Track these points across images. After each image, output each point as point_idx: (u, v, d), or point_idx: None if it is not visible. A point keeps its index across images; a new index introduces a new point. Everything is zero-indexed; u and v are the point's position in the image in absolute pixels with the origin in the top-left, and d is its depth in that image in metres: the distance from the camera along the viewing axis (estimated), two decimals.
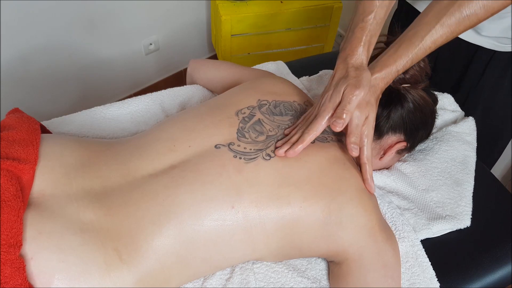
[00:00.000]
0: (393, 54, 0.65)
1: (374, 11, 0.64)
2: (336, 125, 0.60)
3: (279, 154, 0.61)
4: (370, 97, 0.64)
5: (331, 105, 0.62)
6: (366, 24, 0.64)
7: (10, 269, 0.46)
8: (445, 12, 0.63)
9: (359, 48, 0.64)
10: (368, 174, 0.65)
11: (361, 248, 0.61)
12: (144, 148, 0.64)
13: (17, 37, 1.32)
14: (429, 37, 0.64)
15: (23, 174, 0.55)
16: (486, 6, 0.62)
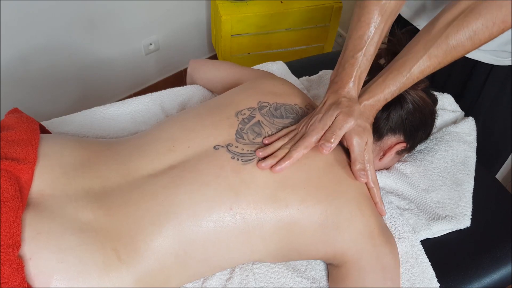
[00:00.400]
0: (382, 83, 0.67)
1: (364, 48, 0.65)
2: (323, 148, 0.60)
3: (261, 167, 0.60)
4: (365, 124, 0.66)
5: (321, 126, 0.62)
6: (356, 60, 0.66)
7: (9, 269, 0.46)
8: (433, 43, 0.65)
9: (350, 83, 0.65)
10: (378, 197, 0.66)
11: (359, 252, 0.61)
12: (143, 148, 0.64)
13: (17, 37, 1.32)
14: (416, 67, 0.66)
15: (22, 174, 0.55)
16: (473, 38, 0.63)
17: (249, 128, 0.66)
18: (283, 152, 0.61)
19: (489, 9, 0.61)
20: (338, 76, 0.66)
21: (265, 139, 0.64)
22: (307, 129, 0.63)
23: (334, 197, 0.61)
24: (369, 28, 0.64)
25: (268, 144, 0.64)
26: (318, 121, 0.63)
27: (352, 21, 0.67)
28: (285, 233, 0.60)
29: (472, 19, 0.62)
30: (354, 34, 0.65)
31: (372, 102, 0.67)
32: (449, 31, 0.63)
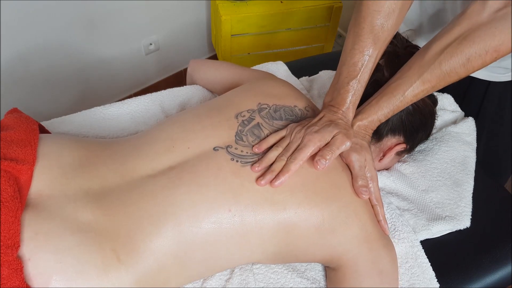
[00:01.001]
0: (375, 104, 0.68)
1: (359, 75, 0.66)
2: (318, 164, 0.60)
3: (261, 184, 0.59)
4: (361, 141, 0.67)
5: (318, 138, 0.61)
6: (351, 87, 0.66)
7: (8, 270, 0.46)
8: (427, 68, 0.65)
9: (344, 106, 0.66)
10: (381, 215, 0.65)
11: (356, 256, 0.61)
12: (142, 148, 0.64)
13: (17, 37, 1.32)
14: (410, 91, 0.66)
15: (21, 175, 0.54)
16: (466, 65, 0.63)
17: (249, 130, 0.66)
18: (280, 165, 0.60)
19: (483, 37, 0.61)
20: (334, 100, 0.67)
21: (254, 147, 0.63)
22: (303, 139, 0.62)
23: (331, 201, 0.61)
24: (363, 56, 0.65)
25: (258, 152, 0.63)
26: (315, 133, 0.62)
27: (346, 47, 0.67)
28: (283, 236, 0.60)
29: (466, 46, 0.62)
30: (348, 60, 0.66)
31: (366, 122, 0.69)
32: (442, 57, 0.64)
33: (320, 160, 0.60)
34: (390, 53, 0.74)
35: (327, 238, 0.60)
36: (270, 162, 0.61)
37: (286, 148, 0.62)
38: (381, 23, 0.64)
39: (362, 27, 0.64)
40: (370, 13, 0.64)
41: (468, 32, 0.63)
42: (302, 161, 0.60)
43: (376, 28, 0.64)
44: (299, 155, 0.60)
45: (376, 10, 0.63)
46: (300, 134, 0.63)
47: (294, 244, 0.61)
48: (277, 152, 0.62)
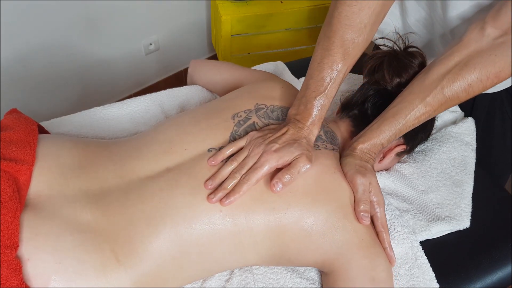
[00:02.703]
0: (376, 129, 0.68)
1: (326, 90, 0.63)
2: (275, 186, 0.58)
3: (211, 202, 0.57)
4: (366, 164, 0.66)
5: (276, 159, 0.59)
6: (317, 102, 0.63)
7: (7, 270, 0.46)
8: (429, 93, 0.65)
9: (309, 121, 0.63)
10: (387, 242, 0.63)
11: (348, 262, 0.60)
12: (141, 150, 0.64)
13: (17, 37, 1.32)
14: (412, 115, 0.66)
15: (20, 175, 0.55)
16: (468, 90, 0.64)
17: (243, 130, 0.66)
18: (232, 183, 0.58)
19: (484, 64, 0.62)
20: (299, 114, 0.64)
21: (209, 160, 0.61)
22: (260, 158, 0.59)
23: (321, 204, 0.60)
24: (331, 70, 0.62)
25: (214, 165, 0.61)
26: (274, 152, 0.59)
27: (314, 60, 0.64)
28: (275, 238, 0.60)
29: (467, 72, 0.63)
30: (316, 74, 0.63)
31: (368, 146, 0.68)
32: (445, 82, 0.64)
33: (278, 183, 0.58)
34: (390, 55, 0.74)
35: (319, 242, 0.60)
36: (223, 178, 0.59)
37: (242, 164, 0.60)
38: (352, 38, 0.61)
39: (332, 41, 0.61)
40: (341, 27, 0.61)
41: (468, 58, 0.63)
42: (257, 182, 0.58)
43: (347, 43, 0.61)
44: (253, 176, 0.58)
45: (348, 24, 0.61)
46: (259, 150, 0.60)
47: (286, 247, 0.61)
48: (231, 167, 0.60)
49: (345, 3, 0.60)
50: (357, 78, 1.03)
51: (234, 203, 0.58)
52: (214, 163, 0.61)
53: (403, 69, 0.73)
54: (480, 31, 0.63)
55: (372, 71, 0.77)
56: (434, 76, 0.66)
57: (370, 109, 0.75)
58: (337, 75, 0.62)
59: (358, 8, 0.60)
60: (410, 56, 0.73)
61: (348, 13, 0.60)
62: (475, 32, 0.64)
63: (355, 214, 0.62)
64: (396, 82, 0.73)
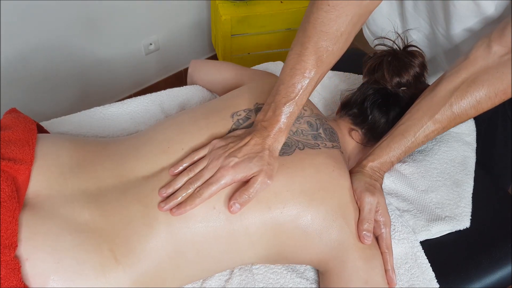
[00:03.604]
0: (386, 147, 0.67)
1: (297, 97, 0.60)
2: (232, 208, 0.56)
3: (162, 209, 0.56)
4: (375, 183, 0.65)
5: (232, 175, 0.57)
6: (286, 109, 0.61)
7: (5, 270, 0.46)
8: (437, 110, 0.65)
9: (276, 128, 0.60)
10: (389, 264, 0.62)
11: (342, 262, 0.60)
12: (139, 149, 0.64)
13: (17, 37, 1.32)
14: (421, 132, 0.66)
15: (18, 175, 0.55)
16: (476, 107, 0.64)
17: None
18: (184, 194, 0.57)
19: (492, 81, 0.62)
20: (267, 120, 0.61)
21: (171, 169, 0.60)
22: (217, 173, 0.58)
23: (319, 203, 0.60)
24: (303, 77, 0.59)
25: (175, 174, 0.59)
26: (231, 168, 0.57)
27: (286, 65, 0.61)
28: (271, 237, 0.60)
29: (475, 89, 0.63)
30: (288, 80, 0.60)
31: (378, 164, 0.68)
32: (453, 99, 0.64)
33: (235, 204, 0.56)
34: (390, 54, 0.74)
35: (315, 241, 0.60)
36: (177, 188, 0.58)
37: (198, 175, 0.58)
38: (327, 45, 0.58)
39: (306, 47, 0.59)
40: (317, 33, 0.58)
41: (475, 75, 0.64)
42: (210, 197, 0.57)
43: (321, 50, 0.59)
44: (207, 191, 0.56)
45: (324, 31, 0.58)
46: (217, 163, 0.58)
47: (283, 245, 0.61)
48: (187, 177, 0.59)
49: (322, 8, 0.58)
50: (357, 78, 1.03)
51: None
52: (176, 172, 0.59)
53: (403, 68, 0.73)
54: (486, 49, 0.63)
55: (371, 70, 0.77)
56: (442, 93, 0.66)
57: (370, 108, 0.75)
58: (309, 82, 0.60)
59: (335, 15, 0.57)
60: (410, 55, 0.73)
61: (325, 19, 0.58)
62: (482, 50, 0.64)
63: (354, 215, 0.62)
64: (396, 81, 0.73)
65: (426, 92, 0.69)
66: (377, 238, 0.64)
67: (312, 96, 0.97)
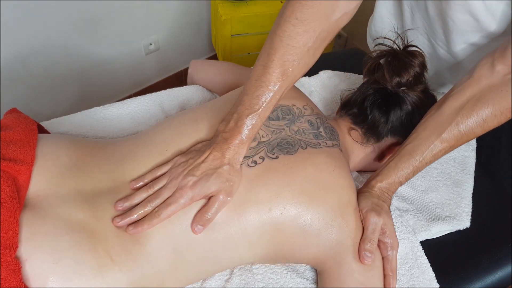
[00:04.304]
0: (394, 167, 0.67)
1: (260, 110, 0.58)
2: (195, 229, 0.56)
3: (117, 224, 0.55)
4: (383, 204, 0.65)
5: (191, 196, 0.56)
6: (248, 121, 0.59)
7: (6, 271, 0.46)
8: (444, 129, 0.65)
9: (237, 140, 0.59)
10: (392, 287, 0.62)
11: (338, 263, 0.60)
12: (138, 151, 0.63)
13: (17, 37, 1.32)
14: (429, 151, 0.66)
15: (19, 175, 0.54)
16: (483, 126, 0.64)
17: None
18: (141, 212, 0.56)
19: (497, 100, 0.62)
20: (228, 132, 0.59)
21: (132, 183, 0.59)
22: (175, 193, 0.57)
23: (319, 203, 0.60)
24: (267, 90, 0.58)
25: (135, 189, 0.58)
26: (190, 188, 0.56)
27: (252, 76, 0.59)
28: (270, 237, 0.60)
29: (481, 108, 0.63)
30: (252, 91, 0.58)
31: (386, 184, 0.67)
32: (459, 118, 0.64)
33: (198, 226, 0.56)
34: (390, 54, 0.74)
35: (313, 241, 0.60)
36: (134, 204, 0.57)
37: (157, 194, 0.57)
38: (293, 59, 0.56)
39: (272, 59, 0.57)
40: (283, 46, 0.56)
41: (480, 94, 0.64)
42: (168, 217, 0.56)
43: (287, 63, 0.57)
44: (165, 212, 0.55)
45: (290, 44, 0.56)
46: (176, 182, 0.57)
47: (281, 245, 0.61)
48: (146, 194, 0.57)
49: (290, 21, 0.55)
50: (357, 78, 1.03)
51: (228, 204, 0.58)
52: (137, 186, 0.58)
53: (403, 68, 0.73)
54: (490, 68, 0.64)
55: (372, 70, 0.77)
56: (448, 111, 0.66)
57: (370, 107, 0.75)
58: (273, 96, 0.58)
59: (303, 30, 0.55)
60: (410, 55, 0.73)
61: (292, 33, 0.55)
62: (486, 69, 0.64)
63: (353, 215, 0.62)
64: (396, 81, 0.73)
65: (432, 111, 0.69)
66: (383, 260, 0.63)
67: (312, 96, 0.97)
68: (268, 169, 0.61)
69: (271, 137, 0.66)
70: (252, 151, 0.63)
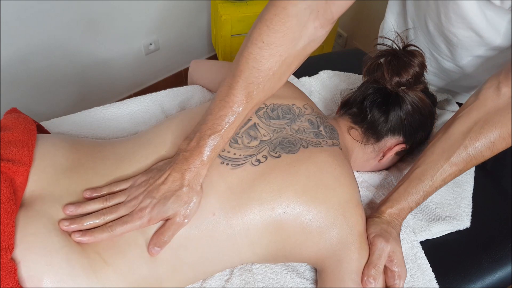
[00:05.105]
0: (403, 192, 0.66)
1: (223, 130, 0.57)
2: (152, 252, 0.55)
3: (62, 228, 0.53)
4: (392, 230, 0.64)
5: (147, 218, 0.55)
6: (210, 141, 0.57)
7: (2, 272, 0.46)
8: (452, 152, 0.65)
9: (198, 160, 0.57)
10: None
11: (338, 261, 0.60)
12: (136, 152, 0.63)
13: (17, 37, 1.32)
14: (438, 175, 0.65)
15: (17, 176, 0.54)
16: (491, 148, 0.63)
17: (245, 132, 0.65)
18: (91, 222, 0.54)
19: (504, 122, 0.62)
20: (189, 151, 0.57)
21: (86, 191, 0.57)
22: (133, 213, 0.55)
23: (321, 201, 0.60)
24: (231, 111, 0.56)
25: (87, 199, 0.57)
26: (147, 210, 0.55)
27: (217, 95, 0.58)
28: (271, 236, 0.60)
29: (488, 131, 0.63)
30: (216, 111, 0.57)
31: (396, 210, 0.66)
32: (467, 142, 0.64)
33: (154, 248, 0.55)
34: (390, 54, 0.74)
35: (314, 240, 0.60)
36: (88, 211, 0.55)
37: (113, 209, 0.56)
38: (258, 82, 0.56)
39: (237, 81, 0.56)
40: (249, 68, 0.55)
41: (487, 116, 0.64)
42: (120, 235, 0.55)
43: (251, 86, 0.56)
44: (119, 229, 0.54)
45: (256, 67, 0.55)
46: (136, 202, 0.56)
47: (282, 243, 0.61)
48: (101, 206, 0.56)
49: (256, 44, 0.55)
50: (357, 77, 1.03)
51: (228, 205, 0.58)
52: (88, 196, 0.57)
53: (402, 68, 0.73)
54: (495, 90, 0.63)
55: (371, 70, 0.77)
56: (455, 135, 0.65)
57: (369, 107, 0.75)
58: (236, 117, 0.57)
59: (268, 54, 0.54)
60: (410, 54, 0.73)
61: (258, 56, 0.55)
62: (491, 91, 0.64)
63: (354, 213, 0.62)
64: (396, 81, 0.73)
65: (439, 134, 0.69)
66: None
67: (312, 96, 0.97)
68: (271, 168, 0.61)
69: (272, 136, 0.66)
70: (255, 150, 0.63)
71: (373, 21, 1.91)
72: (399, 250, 0.62)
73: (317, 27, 0.55)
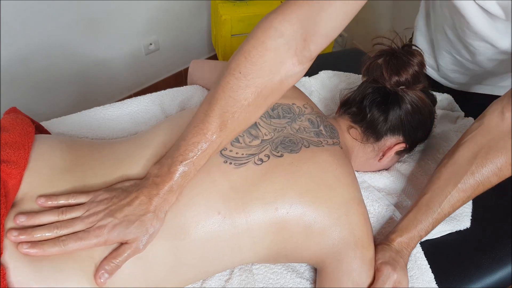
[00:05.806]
0: (413, 219, 0.66)
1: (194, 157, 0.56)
2: (100, 278, 0.51)
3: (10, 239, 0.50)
4: (400, 259, 0.63)
5: (105, 238, 0.52)
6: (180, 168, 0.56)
7: None
8: (459, 179, 0.64)
9: (166, 187, 0.55)
10: None
11: (338, 261, 0.60)
12: (135, 153, 0.62)
13: (17, 37, 1.32)
14: (446, 202, 0.65)
15: (10, 179, 0.53)
16: (498, 174, 0.63)
17: (246, 131, 0.65)
18: (42, 235, 0.51)
19: (509, 147, 0.62)
20: (160, 177, 0.55)
21: (40, 198, 0.54)
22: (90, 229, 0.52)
23: (323, 201, 0.60)
24: (204, 138, 0.55)
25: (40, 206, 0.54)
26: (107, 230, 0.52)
27: (192, 121, 0.57)
28: (273, 237, 0.60)
29: (494, 156, 0.62)
30: (189, 138, 0.56)
31: (406, 239, 0.66)
32: (474, 168, 0.63)
33: (103, 274, 0.52)
34: (389, 53, 0.74)
35: (316, 240, 0.60)
36: (41, 222, 0.52)
37: (69, 223, 0.52)
38: (233, 111, 0.55)
39: (213, 109, 0.55)
40: (225, 97, 0.55)
41: (492, 142, 0.63)
42: (72, 251, 0.51)
43: (226, 115, 0.55)
44: (73, 244, 0.51)
45: (232, 97, 0.55)
46: (95, 218, 0.53)
47: (284, 243, 0.61)
48: (55, 218, 0.53)
49: (233, 74, 0.55)
50: (357, 77, 1.03)
51: (233, 205, 0.58)
52: (46, 205, 0.54)
53: (401, 67, 0.73)
54: (500, 115, 0.63)
55: (370, 69, 0.77)
56: (461, 161, 0.65)
57: (369, 106, 0.75)
58: (209, 145, 0.56)
59: (245, 84, 0.54)
60: (409, 54, 0.73)
61: (234, 85, 0.55)
62: (495, 116, 0.64)
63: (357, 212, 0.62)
64: (395, 80, 0.73)
65: (445, 160, 0.68)
66: None
67: (312, 96, 0.98)
68: (274, 168, 0.61)
69: (273, 135, 0.66)
70: (257, 149, 0.63)
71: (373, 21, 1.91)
72: (405, 280, 0.62)
73: (295, 63, 0.55)
